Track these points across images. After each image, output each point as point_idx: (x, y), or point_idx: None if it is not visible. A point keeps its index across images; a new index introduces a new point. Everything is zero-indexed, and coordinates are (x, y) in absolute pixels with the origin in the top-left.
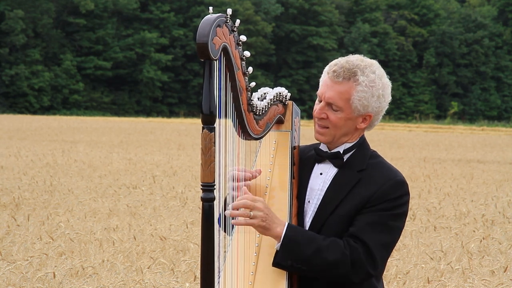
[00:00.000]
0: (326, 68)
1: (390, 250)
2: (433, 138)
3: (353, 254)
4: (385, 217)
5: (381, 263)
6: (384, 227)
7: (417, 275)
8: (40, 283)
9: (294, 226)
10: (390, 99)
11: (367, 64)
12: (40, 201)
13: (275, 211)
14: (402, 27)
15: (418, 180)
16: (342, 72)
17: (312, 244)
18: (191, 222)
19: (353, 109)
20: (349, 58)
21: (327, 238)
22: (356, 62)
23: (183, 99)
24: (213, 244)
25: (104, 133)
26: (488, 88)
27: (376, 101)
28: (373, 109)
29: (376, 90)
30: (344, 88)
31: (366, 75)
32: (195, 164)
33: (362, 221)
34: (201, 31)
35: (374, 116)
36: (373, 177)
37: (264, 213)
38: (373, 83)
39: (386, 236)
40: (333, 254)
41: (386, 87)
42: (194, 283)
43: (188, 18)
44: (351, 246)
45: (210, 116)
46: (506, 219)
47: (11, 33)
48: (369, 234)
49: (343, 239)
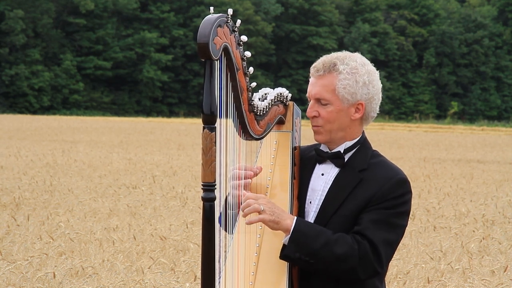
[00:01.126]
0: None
1: (395, 248)
2: (433, 138)
3: (361, 249)
4: (388, 215)
5: (386, 261)
6: (388, 225)
7: (417, 275)
8: (40, 283)
9: (303, 220)
10: (380, 86)
11: (347, 55)
12: (40, 201)
13: None
14: (402, 27)
15: (418, 180)
16: (322, 67)
17: (321, 237)
18: (191, 222)
19: (341, 99)
20: (331, 54)
21: (335, 233)
22: (335, 55)
23: (183, 99)
24: (214, 244)
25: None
26: (488, 88)
27: (363, 87)
28: (362, 96)
29: (359, 77)
30: (327, 80)
31: (346, 64)
32: (195, 164)
33: (366, 220)
34: (202, 31)
35: (366, 104)
36: (375, 176)
37: (269, 207)
38: (354, 69)
39: (390, 234)
40: (341, 248)
41: (372, 74)
42: (195, 283)
43: (188, 18)
44: (358, 241)
45: (211, 116)
46: (506, 219)
47: (11, 33)
48: (374, 231)
49: (350, 235)
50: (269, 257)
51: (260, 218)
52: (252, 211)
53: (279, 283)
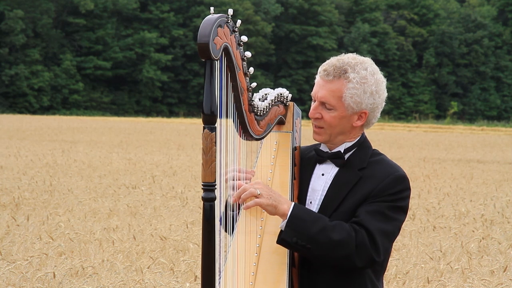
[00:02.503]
0: (319, 68)
1: (392, 240)
2: (433, 138)
3: (358, 236)
4: (385, 208)
5: (384, 251)
6: (384, 217)
7: (417, 275)
8: (40, 283)
9: (300, 205)
10: (385, 96)
11: (358, 61)
12: (40, 201)
13: None
14: (401, 27)
15: (418, 180)
16: (332, 71)
17: (319, 222)
18: (191, 222)
19: (346, 107)
20: (341, 56)
21: (333, 220)
22: (346, 60)
23: (182, 99)
24: (214, 244)
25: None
26: (488, 88)
27: (369, 97)
28: (367, 105)
29: (368, 87)
30: (335, 86)
31: (356, 72)
32: (194, 164)
33: (363, 211)
34: (202, 31)
35: (369, 113)
36: (374, 173)
37: (266, 191)
38: (364, 79)
39: (386, 224)
40: (338, 234)
41: (380, 83)
42: (194, 283)
43: (188, 18)
44: (356, 230)
45: (211, 116)
46: (505, 219)
47: (10, 33)
48: (371, 221)
49: (348, 223)
50: (269, 257)
51: (257, 202)
52: (248, 196)
53: (279, 283)
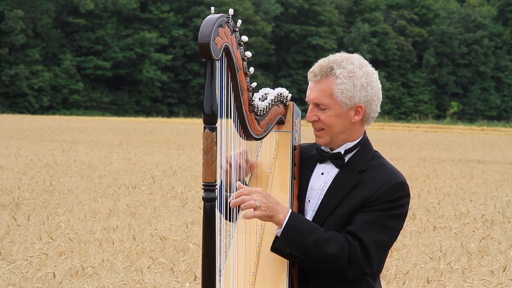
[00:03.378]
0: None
1: (387, 250)
2: (433, 138)
3: (351, 250)
4: (383, 217)
5: (377, 262)
6: (381, 227)
7: (417, 275)
8: (40, 283)
9: (297, 215)
10: (379, 87)
11: (344, 58)
12: (40, 201)
13: None
14: (401, 27)
15: (418, 180)
16: (319, 71)
17: (313, 234)
18: (191, 222)
19: (339, 103)
20: (328, 57)
21: (328, 231)
22: (332, 59)
23: (182, 99)
24: (214, 244)
25: (103, 133)
26: (488, 88)
27: (361, 90)
28: (360, 99)
29: (357, 80)
30: (324, 85)
31: (343, 67)
32: (194, 164)
33: (360, 220)
34: (203, 31)
35: (365, 106)
36: (373, 178)
37: (264, 202)
38: (351, 73)
39: (383, 235)
40: (332, 247)
41: (369, 75)
42: (194, 283)
43: (187, 18)
44: (349, 242)
45: (212, 116)
46: (505, 219)
47: (10, 33)
48: (367, 233)
49: (342, 235)
50: (269, 257)
51: (254, 214)
52: (248, 208)
53: (279, 283)
